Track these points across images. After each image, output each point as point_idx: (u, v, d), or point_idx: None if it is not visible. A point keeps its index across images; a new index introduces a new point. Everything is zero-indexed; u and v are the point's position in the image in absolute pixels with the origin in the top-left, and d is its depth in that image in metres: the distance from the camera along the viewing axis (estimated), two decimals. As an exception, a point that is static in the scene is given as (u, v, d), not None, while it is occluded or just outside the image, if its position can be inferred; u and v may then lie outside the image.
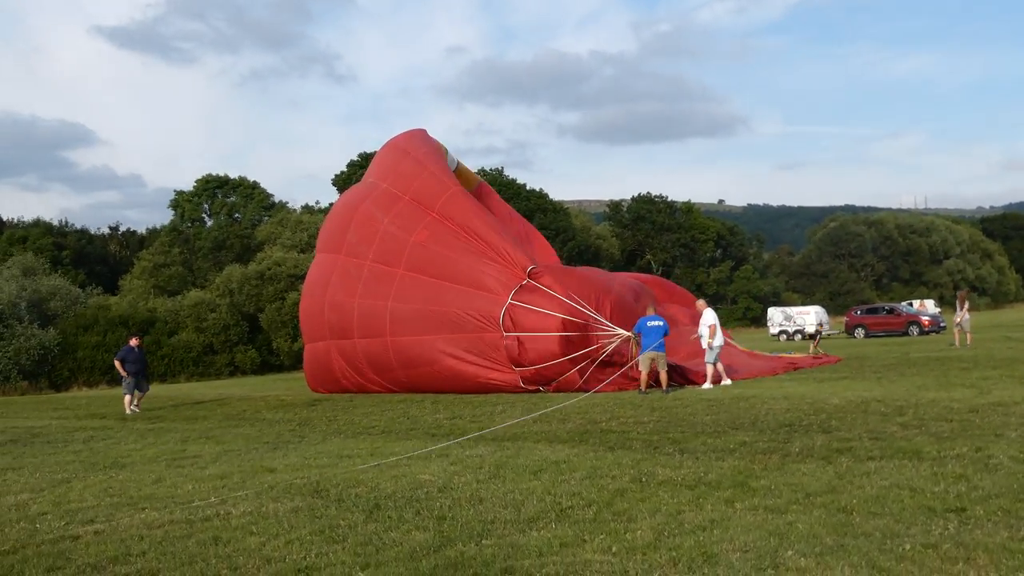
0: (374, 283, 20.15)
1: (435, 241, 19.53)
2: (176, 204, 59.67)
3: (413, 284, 19.41)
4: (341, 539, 6.26)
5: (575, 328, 17.71)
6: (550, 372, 17.74)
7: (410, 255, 19.65)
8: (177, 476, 9.54)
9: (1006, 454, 7.97)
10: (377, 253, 20.35)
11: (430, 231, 19.63)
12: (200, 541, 6.43)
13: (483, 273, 18.59)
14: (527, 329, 17.85)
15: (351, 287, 20.72)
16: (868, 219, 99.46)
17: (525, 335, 17.81)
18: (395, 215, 20.46)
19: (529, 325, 17.86)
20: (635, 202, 77.35)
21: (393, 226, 20.32)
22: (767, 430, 10.46)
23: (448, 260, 19.13)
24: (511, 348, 17.86)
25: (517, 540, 5.96)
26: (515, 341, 17.83)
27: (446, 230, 19.58)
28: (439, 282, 18.99)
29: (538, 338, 17.73)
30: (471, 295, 18.46)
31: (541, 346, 17.69)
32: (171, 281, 48.36)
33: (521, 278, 18.28)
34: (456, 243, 19.32)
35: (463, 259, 18.94)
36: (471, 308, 18.37)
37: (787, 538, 5.63)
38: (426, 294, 19.09)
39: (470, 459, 9.54)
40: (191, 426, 15.52)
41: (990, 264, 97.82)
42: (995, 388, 13.74)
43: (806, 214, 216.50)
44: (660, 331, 16.69)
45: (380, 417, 15.02)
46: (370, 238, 20.70)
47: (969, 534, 5.51)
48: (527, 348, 17.79)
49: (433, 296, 18.94)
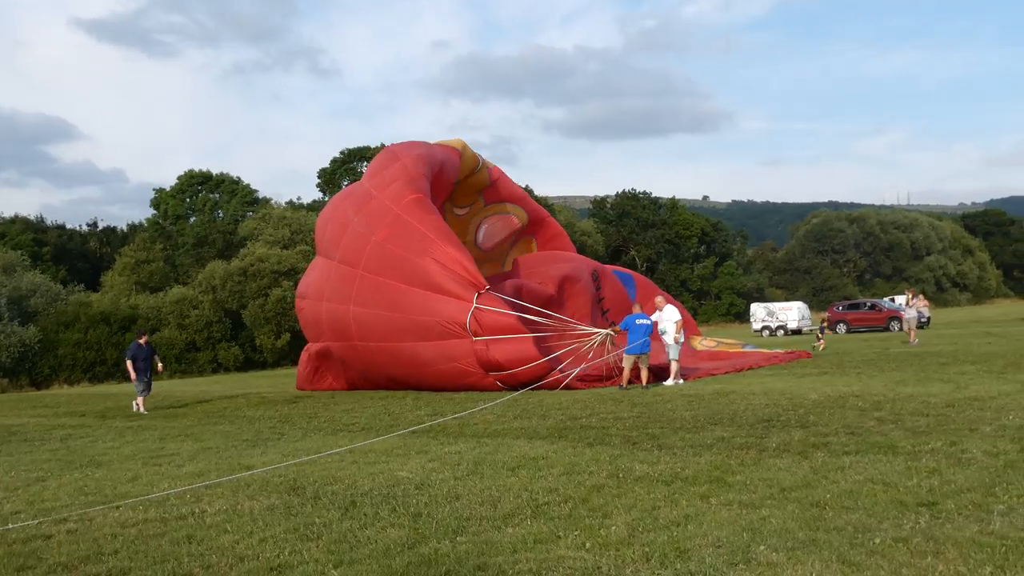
0: (338, 285, 19.40)
1: (393, 240, 18.35)
2: (158, 201, 59.32)
3: (372, 288, 18.44)
4: (315, 537, 6.24)
5: (547, 328, 17.30)
6: (527, 375, 17.04)
7: (369, 255, 18.62)
8: (153, 474, 9.49)
9: (979, 448, 8.03)
10: (343, 253, 19.53)
11: (390, 229, 18.56)
12: (173, 539, 6.40)
13: (443, 277, 17.56)
14: (496, 332, 17.12)
15: (321, 290, 20.20)
16: (850, 215, 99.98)
17: (494, 339, 17.09)
18: (365, 214, 19.63)
19: (497, 328, 17.15)
20: (620, 198, 77.45)
21: (360, 225, 19.48)
22: (745, 425, 10.50)
23: (405, 261, 17.96)
24: (480, 353, 17.14)
25: (492, 537, 5.96)
26: (484, 346, 17.09)
27: (406, 229, 18.37)
28: (396, 284, 18.00)
29: (509, 341, 17.12)
30: (433, 299, 17.54)
31: (513, 348, 17.15)
32: (153, 277, 48.09)
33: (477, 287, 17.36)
34: (414, 244, 18.04)
35: (421, 261, 17.81)
36: (434, 313, 17.47)
37: (760, 533, 5.65)
38: (386, 298, 18.12)
39: (449, 456, 9.53)
40: (170, 424, 15.44)
41: (971, 260, 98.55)
42: (972, 383, 13.83)
43: (789, 210, 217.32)
44: (647, 330, 16.69)
45: (361, 414, 14.98)
46: (339, 237, 19.99)
47: (940, 528, 5.55)
48: (498, 351, 17.09)
49: (393, 301, 18.00)
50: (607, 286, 23.69)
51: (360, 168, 67.22)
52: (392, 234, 18.38)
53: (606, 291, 23.44)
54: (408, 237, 18.13)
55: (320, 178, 67.53)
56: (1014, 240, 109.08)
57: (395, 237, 18.31)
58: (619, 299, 23.71)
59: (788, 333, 44.40)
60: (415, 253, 17.87)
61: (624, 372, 16.80)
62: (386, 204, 19.06)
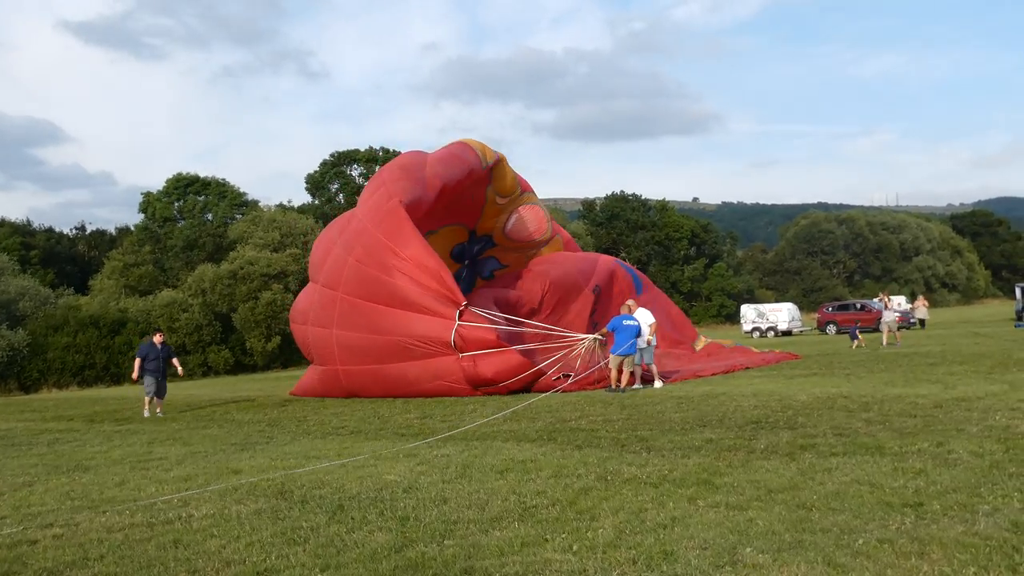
0: (320, 309, 19.13)
1: (368, 260, 17.91)
2: (147, 204, 59.10)
3: (352, 310, 18.10)
4: (303, 541, 6.23)
5: (533, 339, 17.10)
6: (517, 387, 16.91)
7: (347, 277, 18.22)
8: (141, 478, 9.46)
9: (965, 449, 8.07)
10: (325, 276, 19.18)
11: (364, 249, 18.09)
12: (160, 544, 6.38)
13: (420, 295, 17.21)
14: (481, 346, 16.86)
15: (306, 314, 19.97)
16: (840, 216, 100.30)
17: (480, 353, 16.83)
18: (345, 235, 19.33)
19: (483, 343, 16.89)
20: (609, 200, 77.52)
21: (340, 247, 19.14)
22: (734, 427, 10.52)
23: (380, 282, 17.55)
24: (468, 370, 16.89)
25: (479, 540, 5.96)
26: (471, 362, 16.84)
27: (380, 248, 17.86)
28: (375, 306, 17.65)
29: (496, 355, 16.84)
30: (413, 320, 17.21)
31: (500, 361, 16.82)
32: (142, 281, 47.91)
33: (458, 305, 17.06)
34: (389, 263, 17.61)
35: (396, 280, 17.40)
36: (415, 334, 17.17)
37: (746, 535, 5.66)
38: (367, 320, 17.79)
39: (437, 459, 9.52)
40: (158, 427, 15.38)
41: (960, 261, 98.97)
42: (960, 383, 13.90)
43: (779, 212, 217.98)
44: (634, 331, 16.70)
45: (350, 417, 14.96)
46: (323, 261, 19.64)
47: (925, 529, 5.57)
48: (486, 367, 16.86)
49: (373, 323, 17.68)
50: (617, 285, 23.71)
51: (350, 171, 67.20)
52: (366, 254, 17.96)
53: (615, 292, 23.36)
54: (382, 256, 17.67)
55: (308, 182, 67.42)
56: (1002, 241, 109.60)
57: (369, 257, 17.88)
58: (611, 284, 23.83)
59: (778, 334, 44.52)
60: (389, 272, 17.48)
61: (611, 374, 16.79)
62: (363, 224, 18.74)
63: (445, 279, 17.31)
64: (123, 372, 38.84)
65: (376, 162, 66.79)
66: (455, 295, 17.15)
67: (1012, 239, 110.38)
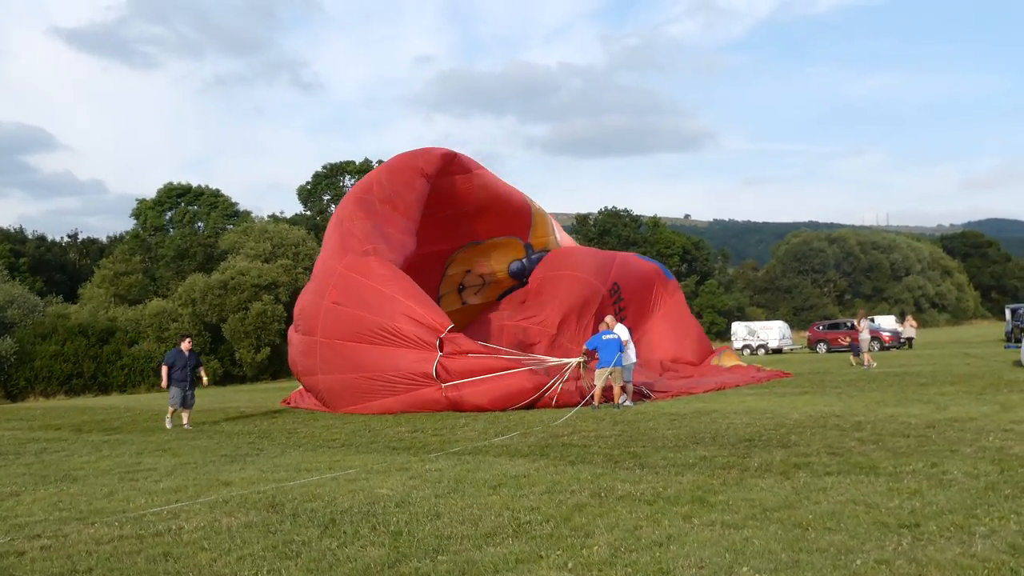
0: (302, 357, 19.07)
1: (344, 300, 17.80)
2: (138, 213, 58.96)
3: (332, 352, 17.96)
4: (294, 555, 6.16)
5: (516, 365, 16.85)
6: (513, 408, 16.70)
7: (324, 320, 18.05)
8: (130, 490, 9.36)
9: (960, 470, 8.05)
10: (303, 323, 19.11)
11: (337, 290, 17.98)
12: (149, 557, 6.30)
13: (401, 327, 17.05)
14: (467, 374, 16.68)
15: (295, 362, 19.87)
16: (830, 235, 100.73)
17: (465, 382, 16.66)
18: (315, 280, 19.18)
19: (467, 370, 16.74)
20: (602, 215, 77.76)
21: (312, 292, 19.01)
22: (727, 445, 10.49)
23: (359, 320, 17.43)
24: (454, 400, 16.68)
25: (473, 556, 5.90)
26: (456, 393, 16.68)
27: (355, 285, 17.80)
28: (355, 346, 17.50)
29: (482, 382, 16.67)
30: (395, 355, 17.13)
31: (487, 389, 16.62)
32: (132, 290, 47.70)
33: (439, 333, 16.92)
34: (366, 299, 17.54)
35: (376, 317, 17.26)
36: (398, 368, 17.07)
37: (743, 554, 5.62)
38: (348, 361, 17.60)
39: (429, 473, 9.46)
40: (147, 438, 15.27)
41: (950, 281, 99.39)
42: (952, 404, 13.90)
43: (770, 230, 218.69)
44: (616, 345, 16.53)
45: (341, 430, 14.86)
46: (302, 308, 19.49)
47: (922, 550, 5.54)
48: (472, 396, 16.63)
49: (355, 362, 17.51)
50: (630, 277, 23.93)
51: (342, 183, 67.16)
52: (341, 295, 17.89)
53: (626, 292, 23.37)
54: (359, 294, 17.65)
55: (300, 193, 67.39)
56: (992, 262, 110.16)
57: (345, 297, 17.83)
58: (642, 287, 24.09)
59: (769, 352, 44.57)
60: (368, 310, 17.43)
61: (596, 390, 16.52)
62: (329, 264, 18.71)
63: (425, 311, 17.31)
64: (111, 382, 38.68)
65: (369, 174, 66.81)
66: (435, 322, 17.08)
67: (1001, 260, 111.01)
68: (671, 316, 24.91)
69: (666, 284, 25.52)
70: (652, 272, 25.54)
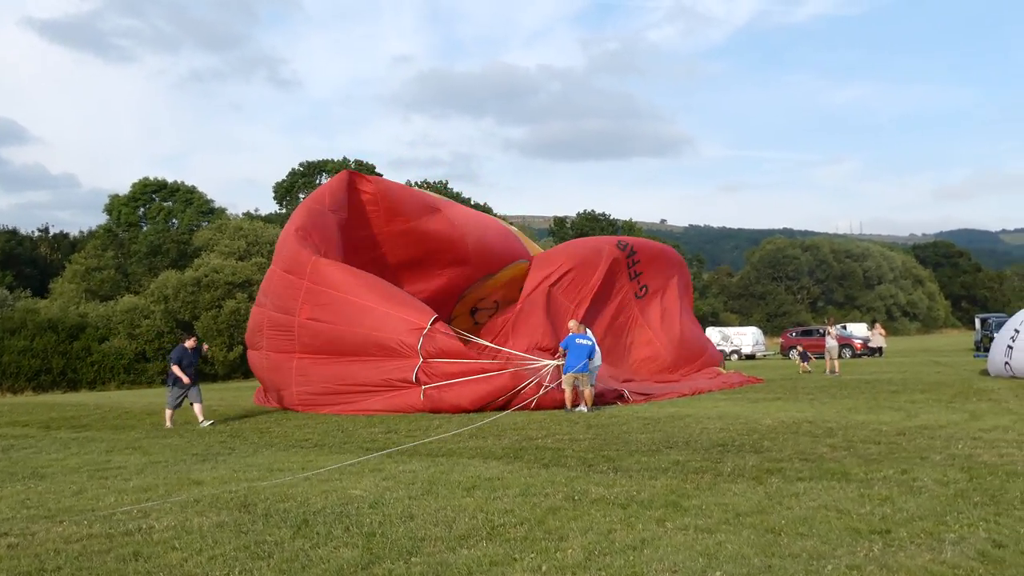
0: (271, 374, 19.05)
1: (321, 315, 17.79)
2: (111, 208, 58.40)
3: (313, 366, 17.99)
4: (266, 556, 6.12)
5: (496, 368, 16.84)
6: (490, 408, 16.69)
7: (300, 336, 18.00)
8: (99, 488, 9.26)
9: (930, 477, 8.13)
10: (268, 342, 18.94)
11: (311, 305, 17.91)
12: (119, 556, 6.23)
13: (380, 336, 17.15)
14: (447, 376, 16.76)
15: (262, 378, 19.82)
16: (805, 243, 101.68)
17: (446, 383, 16.72)
18: (272, 296, 19.04)
19: (448, 372, 16.80)
20: (580, 218, 77.98)
21: (272, 308, 18.89)
22: (700, 449, 10.53)
23: (341, 336, 17.54)
24: (433, 398, 16.74)
25: (447, 558, 5.89)
26: (436, 392, 16.75)
27: (327, 299, 17.82)
28: (339, 359, 17.60)
29: (462, 384, 16.73)
30: (378, 364, 17.26)
31: (468, 390, 16.66)
32: (104, 286, 47.23)
33: (421, 330, 16.94)
34: (343, 313, 17.59)
35: (356, 331, 17.39)
36: (380, 377, 17.22)
37: (716, 558, 5.64)
38: (330, 374, 17.68)
39: (403, 474, 9.43)
40: (117, 436, 15.11)
41: (921, 290, 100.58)
42: (922, 411, 14.04)
43: (745, 236, 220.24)
44: (586, 351, 16.42)
45: (314, 430, 14.78)
46: (260, 326, 19.35)
47: (893, 556, 5.59)
48: (451, 395, 16.70)
49: (336, 375, 17.64)
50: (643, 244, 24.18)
51: (319, 181, 66.82)
52: (315, 310, 17.88)
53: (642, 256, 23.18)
54: (333, 308, 17.69)
55: (276, 191, 67.02)
56: (963, 272, 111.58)
57: (320, 312, 17.82)
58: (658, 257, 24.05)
59: (742, 358, 44.83)
60: (346, 324, 17.50)
61: (566, 394, 16.42)
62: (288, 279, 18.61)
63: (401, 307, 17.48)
64: (81, 378, 38.26)
65: (346, 174, 66.63)
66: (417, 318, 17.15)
67: (972, 271, 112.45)
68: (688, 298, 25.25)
69: (683, 265, 25.53)
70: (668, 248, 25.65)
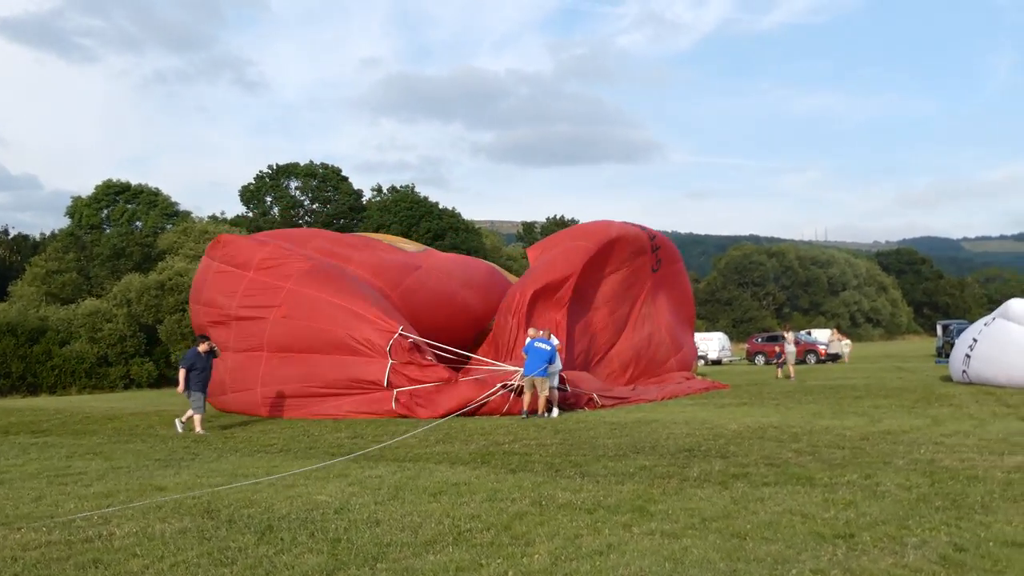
0: (233, 374, 18.78)
1: (296, 312, 17.99)
2: (74, 210, 57.55)
3: (281, 364, 18.09)
4: (229, 562, 6.04)
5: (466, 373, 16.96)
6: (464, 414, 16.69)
7: (271, 333, 18.07)
8: (59, 494, 9.10)
9: (893, 481, 8.21)
10: (236, 342, 18.86)
11: (289, 304, 18.15)
12: (79, 564, 6.12)
13: (352, 338, 17.39)
14: (417, 383, 16.93)
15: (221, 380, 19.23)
16: (771, 250, 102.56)
17: (418, 389, 16.89)
18: (241, 295, 18.94)
19: (418, 379, 16.99)
20: (549, 224, 78.08)
21: (244, 309, 18.80)
22: (667, 454, 10.57)
23: (314, 332, 17.68)
24: (406, 404, 16.82)
25: (412, 564, 5.85)
26: (408, 397, 16.88)
27: (307, 299, 18.08)
28: (309, 356, 17.65)
29: (434, 391, 16.88)
30: (348, 363, 17.39)
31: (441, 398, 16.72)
32: (65, 289, 46.49)
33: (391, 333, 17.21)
34: (319, 310, 17.84)
35: (328, 328, 17.58)
36: (351, 377, 17.36)
37: (681, 563, 5.65)
38: (299, 372, 17.69)
39: (369, 480, 9.37)
40: (78, 441, 14.87)
41: (885, 297, 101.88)
42: (885, 417, 14.20)
43: (713, 242, 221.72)
44: (545, 356, 16.33)
45: (279, 435, 14.65)
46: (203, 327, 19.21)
47: (856, 560, 5.63)
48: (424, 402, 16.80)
49: (306, 373, 17.64)
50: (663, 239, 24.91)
51: (286, 184, 66.39)
52: (291, 308, 18.07)
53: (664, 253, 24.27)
54: (310, 306, 17.94)
55: (243, 195, 66.45)
56: (925, 279, 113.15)
57: (296, 310, 18.02)
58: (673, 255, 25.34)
59: (708, 363, 45.09)
60: (319, 321, 17.70)
61: (524, 399, 16.30)
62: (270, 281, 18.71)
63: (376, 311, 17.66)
64: (41, 382, 37.59)
65: (314, 177, 66.24)
66: (388, 324, 17.33)
67: (934, 278, 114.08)
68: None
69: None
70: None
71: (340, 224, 66.65)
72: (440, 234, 60.94)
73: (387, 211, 62.46)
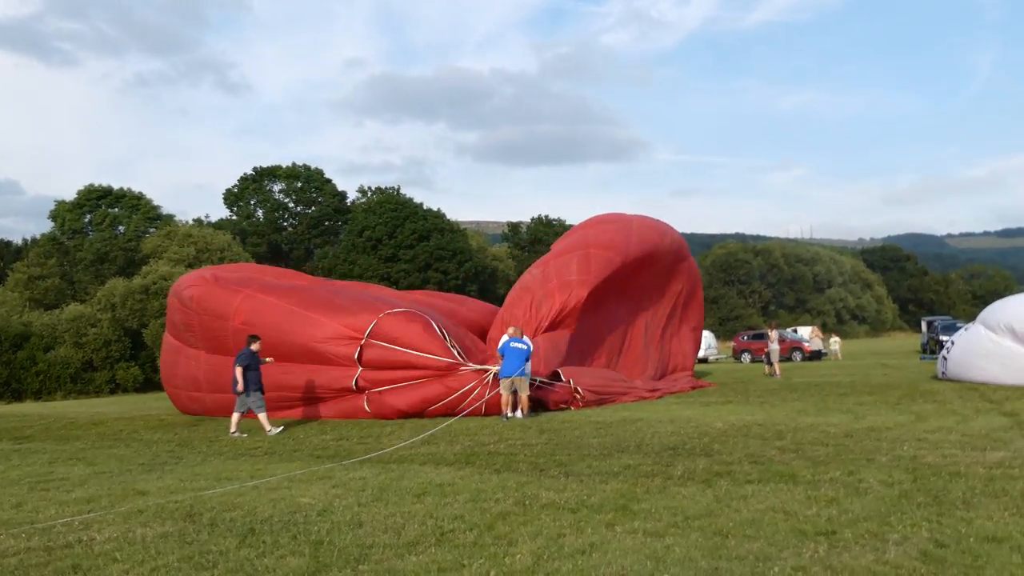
0: (211, 375, 18.74)
1: (255, 321, 17.69)
2: (56, 215, 57.22)
3: None
4: (211, 566, 6.01)
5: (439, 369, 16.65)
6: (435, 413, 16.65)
7: (236, 342, 17.48)
8: (40, 500, 9.04)
9: (876, 478, 8.24)
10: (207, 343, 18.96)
11: (245, 312, 18.07)
12: (58, 569, 6.08)
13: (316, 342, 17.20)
14: (388, 382, 16.83)
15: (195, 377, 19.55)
16: (756, 248, 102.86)
17: (388, 388, 16.82)
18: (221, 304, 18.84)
19: (386, 379, 16.88)
20: (534, 224, 78.10)
21: (209, 317, 18.77)
22: (652, 453, 10.57)
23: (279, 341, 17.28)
24: (376, 403, 16.87)
25: (395, 565, 5.83)
26: (378, 396, 16.88)
27: (263, 306, 18.04)
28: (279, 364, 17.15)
29: (405, 388, 16.78)
30: (315, 371, 17.30)
31: (410, 395, 16.71)
32: (48, 294, 46.24)
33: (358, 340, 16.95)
34: (278, 320, 17.64)
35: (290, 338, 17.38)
36: (318, 385, 17.31)
37: (664, 562, 5.66)
38: (272, 382, 16.83)
39: (353, 482, 9.34)
40: (61, 447, 14.78)
41: (870, 294, 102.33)
42: (869, 414, 14.25)
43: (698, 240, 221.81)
44: (523, 355, 16.23)
45: (264, 438, 14.60)
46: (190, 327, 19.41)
47: (837, 557, 5.64)
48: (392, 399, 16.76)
49: (278, 383, 17.17)
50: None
51: (270, 187, 66.18)
52: (250, 316, 17.95)
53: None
54: (269, 314, 17.82)
55: (227, 198, 66.23)
56: (909, 275, 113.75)
57: (254, 318, 17.85)
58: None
59: (695, 361, 45.12)
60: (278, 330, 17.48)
61: (502, 399, 16.17)
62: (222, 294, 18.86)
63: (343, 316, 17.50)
64: (25, 388, 37.37)
65: (298, 179, 66.06)
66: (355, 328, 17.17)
67: (919, 274, 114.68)
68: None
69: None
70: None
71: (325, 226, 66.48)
72: (425, 235, 60.87)
73: (372, 213, 62.36)
